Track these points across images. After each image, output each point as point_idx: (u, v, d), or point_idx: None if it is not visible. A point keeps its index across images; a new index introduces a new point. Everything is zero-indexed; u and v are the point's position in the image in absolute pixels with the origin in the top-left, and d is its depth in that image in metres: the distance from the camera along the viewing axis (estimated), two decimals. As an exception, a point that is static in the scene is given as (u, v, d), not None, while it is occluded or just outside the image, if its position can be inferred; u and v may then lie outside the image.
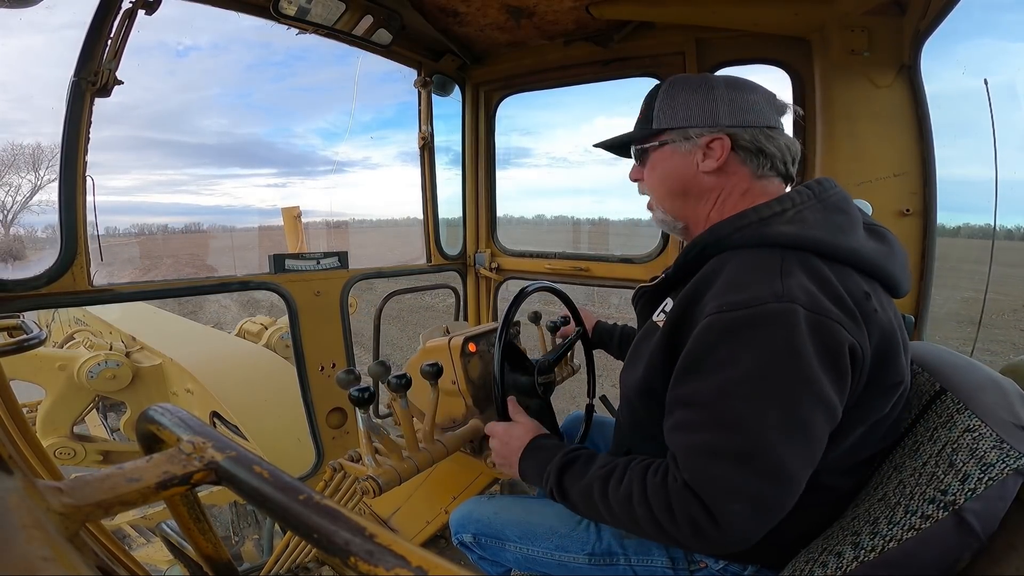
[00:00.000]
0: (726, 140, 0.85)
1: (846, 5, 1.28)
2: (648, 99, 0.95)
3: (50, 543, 0.21)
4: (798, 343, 0.65)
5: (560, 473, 0.85)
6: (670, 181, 0.92)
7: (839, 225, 0.78)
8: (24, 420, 1.03)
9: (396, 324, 8.91)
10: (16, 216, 28.48)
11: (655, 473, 0.74)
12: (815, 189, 0.83)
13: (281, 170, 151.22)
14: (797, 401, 0.65)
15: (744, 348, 0.67)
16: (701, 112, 0.87)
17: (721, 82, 0.88)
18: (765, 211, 0.79)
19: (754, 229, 0.78)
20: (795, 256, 0.73)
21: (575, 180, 16.71)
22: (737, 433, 0.66)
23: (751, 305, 0.68)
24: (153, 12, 1.31)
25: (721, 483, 0.66)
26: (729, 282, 0.73)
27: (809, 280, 0.70)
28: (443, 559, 0.25)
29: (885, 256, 0.79)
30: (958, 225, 6.68)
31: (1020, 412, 0.72)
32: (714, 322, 0.70)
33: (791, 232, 0.75)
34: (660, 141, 0.91)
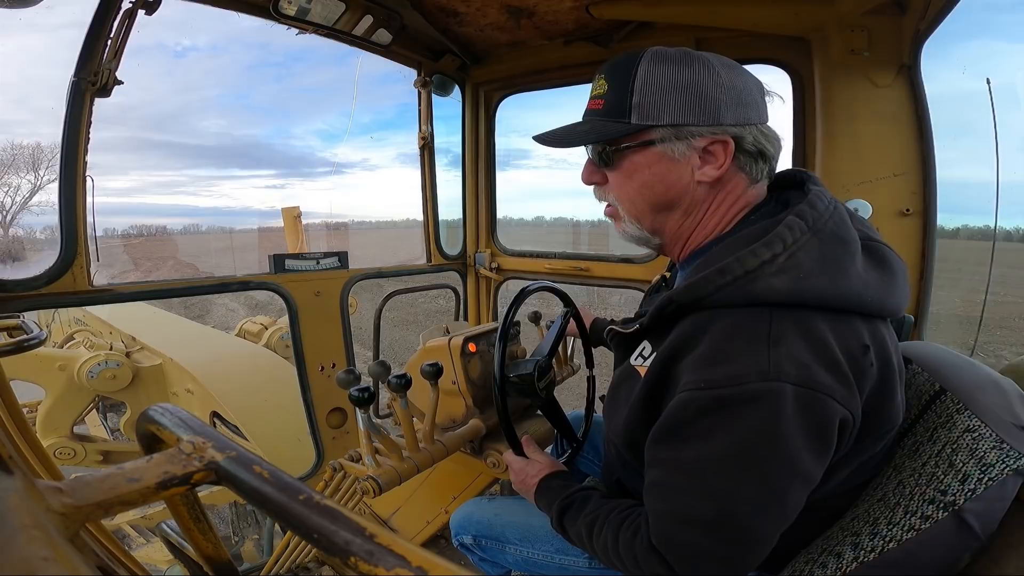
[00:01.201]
0: (730, 143, 0.72)
1: (846, 5, 1.28)
2: (617, 78, 0.73)
3: (50, 543, 0.21)
4: (781, 426, 0.60)
5: (560, 516, 0.89)
6: (655, 192, 0.76)
7: (838, 262, 0.66)
8: (24, 420, 1.03)
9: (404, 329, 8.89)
10: (15, 217, 28.48)
11: (627, 528, 0.75)
12: (808, 219, 0.68)
13: (280, 171, 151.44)
14: (775, 478, 0.62)
15: (722, 427, 0.62)
16: (700, 104, 0.70)
17: (716, 62, 0.72)
18: (751, 261, 0.65)
19: (739, 286, 0.65)
20: (787, 316, 0.63)
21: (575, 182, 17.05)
22: (709, 504, 0.63)
23: (731, 384, 0.61)
24: (153, 12, 1.31)
25: (689, 549, 0.65)
26: (709, 352, 0.64)
27: (803, 346, 0.61)
28: (443, 559, 0.25)
29: (887, 288, 0.69)
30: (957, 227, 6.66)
31: (1020, 412, 0.72)
32: (692, 398, 0.64)
33: (783, 287, 0.63)
34: (643, 140, 0.73)
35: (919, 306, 1.37)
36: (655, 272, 0.97)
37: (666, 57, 0.72)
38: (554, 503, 0.91)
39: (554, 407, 1.20)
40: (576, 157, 0.95)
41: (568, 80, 1.95)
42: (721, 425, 0.62)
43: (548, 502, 0.93)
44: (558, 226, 22.57)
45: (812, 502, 0.77)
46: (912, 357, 0.90)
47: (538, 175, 72.22)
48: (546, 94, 2.07)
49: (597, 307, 8.31)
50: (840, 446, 0.65)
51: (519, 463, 1.04)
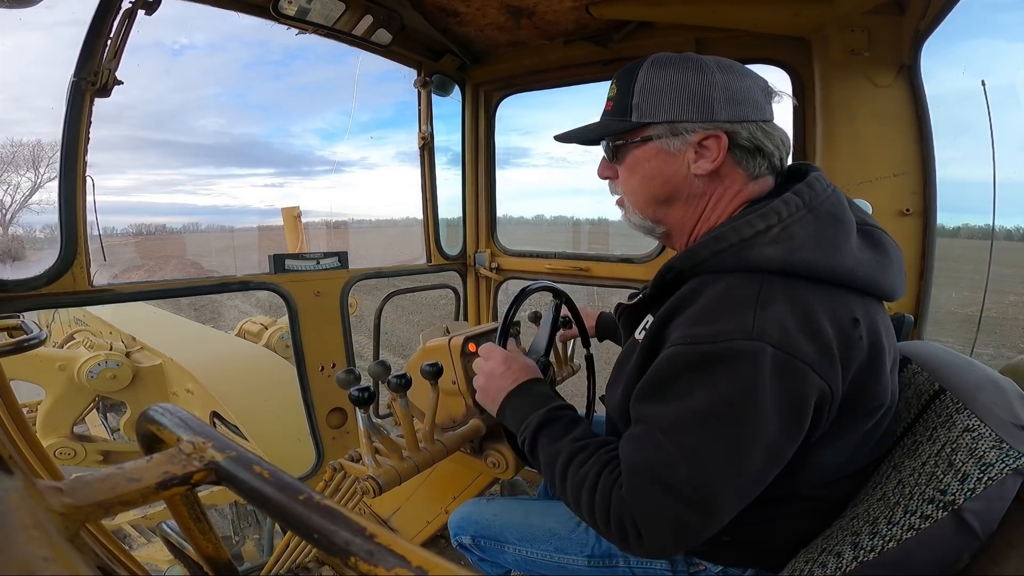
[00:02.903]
0: (723, 138, 0.75)
1: (846, 5, 1.28)
2: (623, 82, 0.81)
3: (50, 543, 0.21)
4: (757, 386, 0.62)
5: (539, 427, 0.83)
6: (654, 184, 0.81)
7: (832, 239, 0.69)
8: (24, 420, 1.03)
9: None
10: (15, 215, 28.48)
11: (612, 470, 0.73)
12: (805, 196, 0.72)
13: (279, 170, 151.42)
14: (745, 444, 0.64)
15: (702, 383, 0.64)
16: (693, 103, 0.75)
17: (713, 64, 0.76)
18: (746, 230, 0.69)
19: (733, 253, 0.69)
20: (778, 283, 0.66)
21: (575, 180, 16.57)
22: (679, 466, 0.65)
23: (716, 340, 0.64)
24: (153, 12, 1.31)
25: (652, 505, 0.67)
26: (699, 311, 0.68)
27: (788, 312, 0.64)
28: (443, 559, 0.25)
29: (881, 268, 0.72)
30: (957, 226, 6.66)
31: (1019, 412, 0.72)
32: (677, 353, 0.67)
33: (776, 255, 0.67)
34: (642, 136, 0.79)
35: (919, 306, 1.37)
36: (655, 271, 0.96)
37: (665, 61, 0.78)
38: (538, 410, 0.84)
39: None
40: (576, 156, 1.04)
41: (568, 80, 1.95)
42: (702, 382, 0.64)
43: (527, 407, 0.86)
44: (558, 225, 22.58)
45: (804, 493, 0.78)
46: (912, 357, 0.90)
47: (538, 174, 72.21)
48: (546, 94, 2.08)
49: (597, 307, 8.26)
50: (819, 422, 0.67)
51: (501, 353, 0.94)
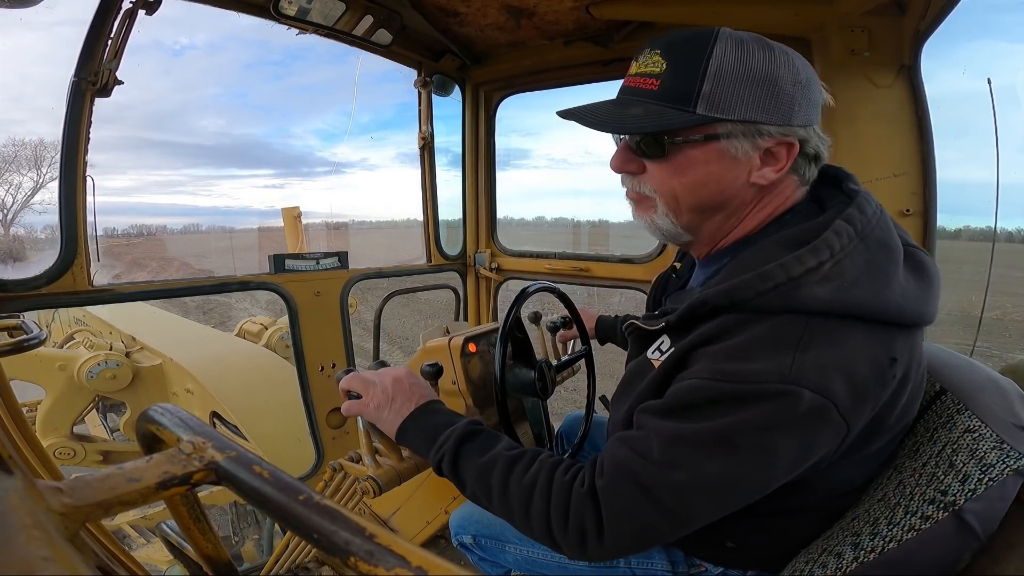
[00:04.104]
0: (796, 146, 0.67)
1: (846, 5, 1.28)
2: (683, 58, 0.66)
3: (50, 543, 0.21)
4: (779, 426, 0.59)
5: (461, 441, 0.76)
6: (706, 192, 0.70)
7: (883, 273, 0.64)
8: (24, 420, 1.03)
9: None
10: (17, 215, 28.49)
11: (564, 472, 0.71)
12: (857, 224, 0.65)
13: (279, 171, 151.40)
14: (743, 469, 0.62)
15: (723, 414, 0.61)
16: (778, 100, 0.65)
17: (792, 54, 0.66)
18: (796, 268, 0.62)
19: (781, 294, 0.62)
20: (823, 325, 0.61)
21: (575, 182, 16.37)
22: (667, 472, 0.63)
23: (749, 381, 0.60)
24: (153, 12, 1.31)
25: (627, 506, 0.64)
26: (734, 348, 0.63)
27: (829, 355, 0.60)
28: (443, 559, 0.25)
29: (925, 297, 0.67)
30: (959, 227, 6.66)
31: (1020, 412, 0.72)
32: (703, 386, 0.62)
33: (825, 296, 0.61)
34: (707, 135, 0.66)
35: (919, 306, 1.37)
36: (655, 272, 0.96)
37: (743, 41, 0.65)
38: (454, 426, 0.78)
39: (543, 412, 1.20)
40: (577, 158, 0.98)
41: (568, 80, 1.95)
42: (722, 413, 0.61)
43: (439, 425, 0.80)
44: (559, 226, 22.58)
45: (813, 506, 0.78)
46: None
47: (539, 175, 72.17)
48: (546, 94, 2.08)
49: (597, 307, 8.29)
50: (828, 455, 0.65)
51: (402, 371, 0.88)
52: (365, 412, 0.86)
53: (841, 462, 0.70)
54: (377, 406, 0.85)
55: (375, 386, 0.86)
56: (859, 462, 0.74)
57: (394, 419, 0.83)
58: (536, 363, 1.16)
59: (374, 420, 0.86)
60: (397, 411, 0.83)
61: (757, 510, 0.68)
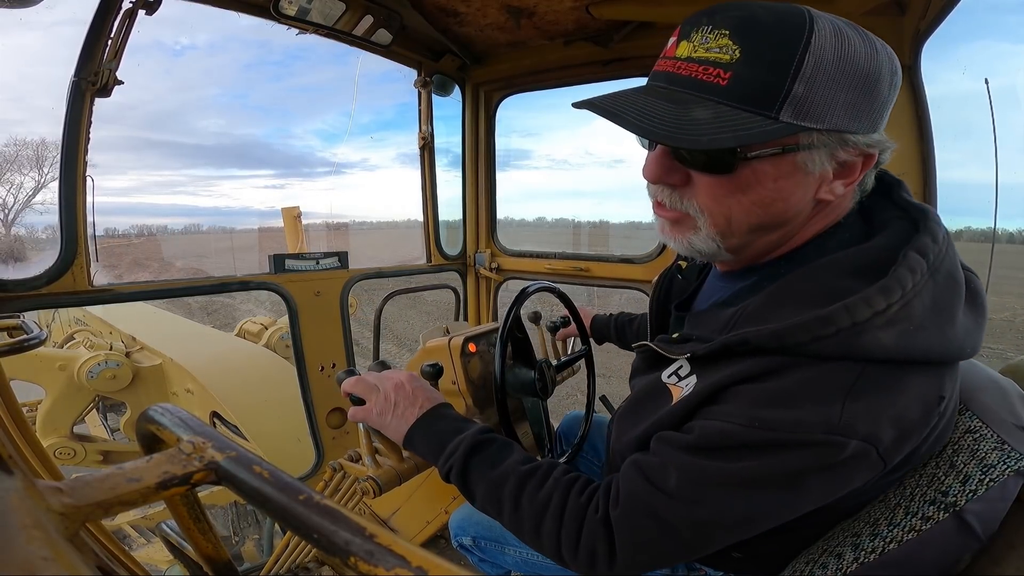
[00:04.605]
0: (875, 156, 0.58)
1: (846, 5, 1.28)
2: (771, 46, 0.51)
3: (50, 543, 0.21)
4: (817, 469, 0.55)
5: (472, 451, 0.73)
6: (771, 211, 0.59)
7: (949, 312, 0.57)
8: (24, 420, 1.03)
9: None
10: (18, 215, 28.50)
11: (580, 493, 0.68)
12: (930, 256, 0.56)
13: (279, 171, 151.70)
14: (770, 508, 0.58)
15: (756, 457, 0.55)
16: (872, 105, 0.55)
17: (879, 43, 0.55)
18: (863, 311, 0.53)
19: (841, 340, 0.53)
20: (879, 372, 0.54)
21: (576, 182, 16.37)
22: (686, 507, 0.59)
23: (791, 430, 0.53)
24: (153, 12, 1.31)
25: (643, 538, 0.62)
26: (776, 393, 0.55)
27: (882, 402, 0.53)
28: (443, 559, 0.25)
29: (979, 331, 0.60)
30: (959, 228, 6.66)
31: (1021, 413, 0.72)
32: (735, 433, 0.56)
33: (890, 343, 0.53)
34: (786, 146, 0.55)
35: (919, 306, 1.37)
36: (655, 272, 0.95)
37: (840, 30, 0.52)
38: (464, 432, 0.75)
39: (543, 412, 1.20)
40: (578, 158, 0.93)
41: (568, 80, 1.95)
42: (756, 456, 0.56)
43: (450, 431, 0.77)
44: (560, 226, 22.60)
45: (823, 518, 0.75)
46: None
47: (539, 176, 72.13)
48: (546, 94, 2.08)
49: (597, 307, 8.27)
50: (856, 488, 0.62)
51: (406, 375, 0.85)
52: (368, 419, 0.85)
53: (864, 488, 0.67)
54: (380, 412, 0.84)
55: (377, 392, 0.85)
56: (878, 485, 0.72)
57: (399, 425, 0.82)
58: (536, 363, 1.16)
59: (378, 427, 0.86)
60: (401, 417, 0.82)
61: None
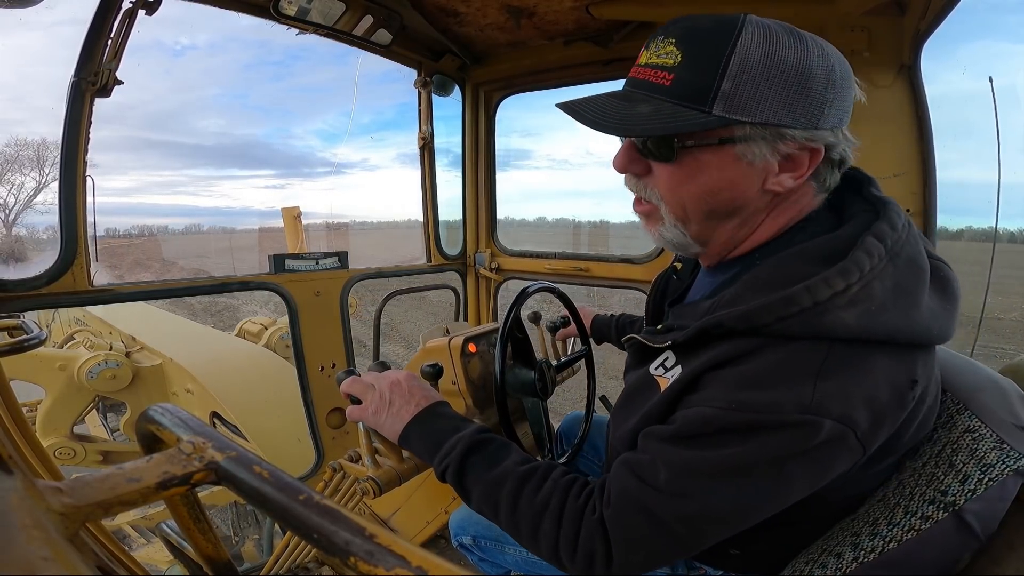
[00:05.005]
0: (820, 152, 0.62)
1: (846, 5, 1.28)
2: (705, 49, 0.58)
3: (50, 543, 0.21)
4: (797, 454, 0.57)
5: (469, 451, 0.73)
6: (718, 199, 0.64)
7: (912, 294, 0.60)
8: (24, 420, 1.03)
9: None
10: (19, 216, 28.50)
11: (578, 495, 0.68)
12: (888, 242, 0.60)
13: (280, 172, 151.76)
14: (757, 498, 0.60)
15: (738, 443, 0.58)
16: (806, 102, 0.58)
17: (827, 46, 0.60)
18: (823, 291, 0.57)
19: (804, 319, 0.57)
20: (847, 352, 0.57)
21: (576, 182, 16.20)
22: (676, 502, 0.61)
23: (767, 411, 0.56)
24: (153, 12, 1.31)
25: (636, 536, 0.63)
26: (750, 375, 0.59)
27: (851, 382, 0.56)
28: (443, 559, 0.25)
29: (949, 317, 0.63)
30: (960, 228, 6.66)
31: (1020, 412, 0.72)
32: (717, 417, 0.59)
33: (853, 322, 0.57)
34: (722, 138, 0.60)
35: (919, 306, 1.37)
36: (655, 272, 0.95)
37: (772, 32, 0.58)
38: (459, 433, 0.75)
39: (543, 412, 1.20)
40: (578, 158, 0.95)
41: (568, 80, 1.95)
42: (738, 442, 0.58)
43: (446, 430, 0.76)
44: (561, 227, 22.60)
45: (818, 514, 0.77)
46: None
47: (539, 176, 72.24)
48: (546, 94, 2.08)
49: (597, 308, 8.24)
50: (841, 476, 0.63)
51: (402, 374, 0.85)
52: (364, 418, 0.86)
53: (853, 476, 0.68)
54: (375, 411, 0.83)
55: (373, 391, 0.85)
56: (870, 476, 0.73)
57: (394, 424, 0.81)
58: (536, 363, 1.16)
59: (374, 426, 0.85)
60: (396, 416, 0.81)
61: (762, 523, 0.67)
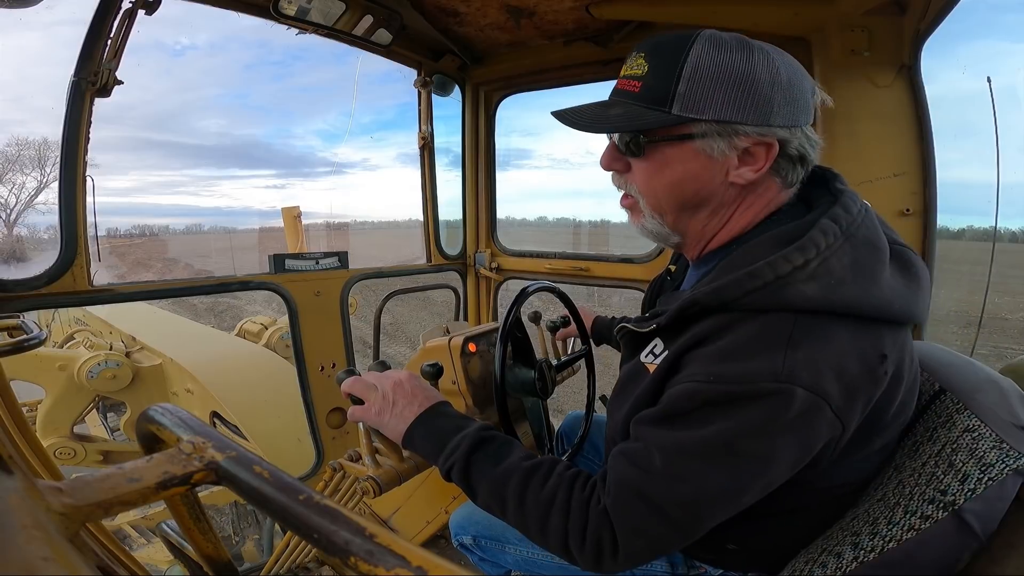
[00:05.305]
0: (775, 146, 0.68)
1: (846, 5, 1.28)
2: (662, 60, 0.68)
3: (50, 543, 0.21)
4: (777, 427, 0.60)
5: (474, 448, 0.75)
6: (684, 190, 0.72)
7: (869, 270, 0.65)
8: (24, 420, 1.04)
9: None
10: (20, 215, 28.48)
11: (583, 488, 0.71)
12: (842, 223, 0.66)
13: (280, 171, 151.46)
14: (747, 478, 0.63)
15: (721, 417, 0.62)
16: (753, 100, 0.65)
17: (774, 54, 0.67)
18: (783, 266, 0.63)
19: (769, 292, 0.63)
20: (812, 322, 0.62)
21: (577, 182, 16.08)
22: (672, 486, 0.64)
23: (742, 382, 0.61)
24: (153, 12, 1.31)
25: (637, 522, 0.65)
26: (725, 349, 0.64)
27: (820, 352, 0.61)
28: (443, 559, 0.25)
29: (912, 295, 0.68)
30: (962, 228, 6.66)
31: (1019, 412, 0.72)
32: (697, 390, 0.63)
33: (814, 294, 0.62)
34: (681, 134, 0.68)
35: (919, 306, 1.37)
36: (655, 272, 0.96)
37: (722, 42, 0.66)
38: (463, 431, 0.77)
39: (543, 412, 1.21)
40: (579, 158, 0.98)
41: (568, 80, 1.95)
42: (721, 417, 0.62)
43: (450, 429, 0.78)
44: (561, 226, 22.60)
45: (813, 506, 0.78)
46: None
47: (540, 175, 72.29)
48: (546, 94, 2.08)
49: (597, 307, 8.30)
50: (824, 455, 0.66)
51: (404, 374, 0.87)
52: (367, 418, 0.86)
53: (841, 461, 0.70)
54: (378, 412, 0.84)
55: (376, 391, 0.86)
56: (858, 462, 0.74)
57: (397, 424, 0.82)
58: (536, 363, 1.16)
59: (377, 426, 0.86)
60: (399, 416, 0.82)
61: (758, 512, 0.68)
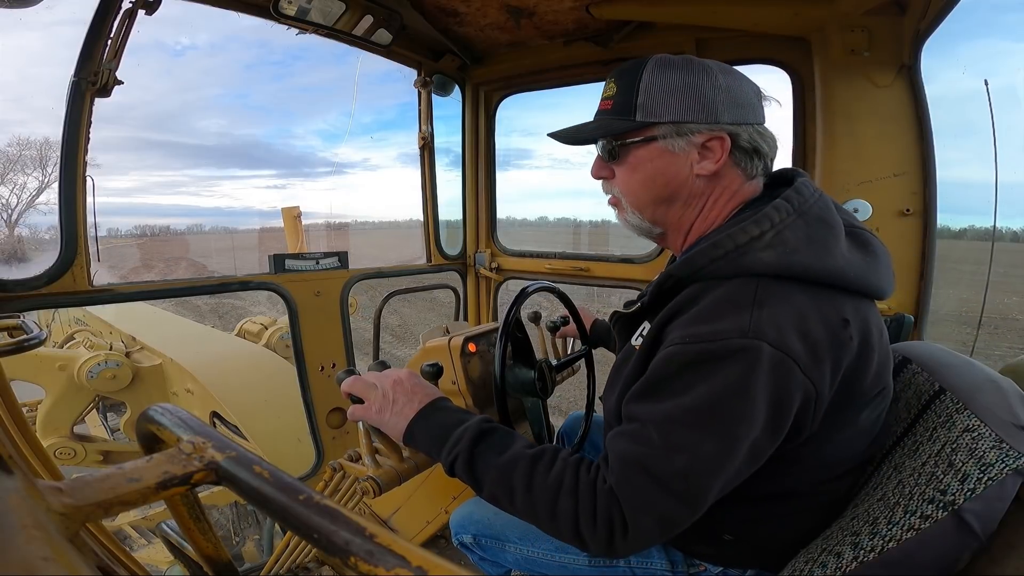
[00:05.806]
0: (726, 140, 0.78)
1: (846, 5, 1.28)
2: (624, 81, 0.81)
3: (50, 543, 0.21)
4: (751, 383, 0.64)
5: (476, 441, 0.77)
6: (656, 185, 0.82)
7: (822, 242, 0.72)
8: (24, 420, 1.04)
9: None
10: (21, 216, 28.45)
11: (588, 471, 0.73)
12: (794, 202, 0.74)
13: (281, 171, 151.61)
14: (734, 440, 0.66)
15: (700, 380, 0.66)
16: (699, 104, 0.77)
17: (715, 68, 0.78)
18: (741, 237, 0.71)
19: (730, 259, 0.71)
20: (773, 286, 0.69)
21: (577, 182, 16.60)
22: (670, 457, 0.66)
23: (714, 339, 0.66)
24: (153, 12, 1.31)
25: (642, 496, 0.67)
26: (698, 313, 0.70)
27: (783, 312, 0.66)
28: (443, 559, 0.25)
29: (870, 268, 0.75)
30: (963, 227, 6.67)
31: (1019, 412, 0.72)
32: (676, 352, 0.68)
33: (771, 260, 0.70)
34: (646, 136, 0.79)
35: (919, 306, 1.37)
36: (655, 272, 0.96)
37: (669, 63, 0.79)
38: (466, 423, 0.79)
39: (543, 411, 1.20)
40: (579, 157, 1.00)
41: (568, 80, 1.95)
42: (701, 379, 0.66)
43: (451, 423, 0.80)
44: (562, 226, 22.61)
45: (807, 490, 0.79)
46: (911, 357, 0.90)
47: (540, 175, 72.27)
48: (546, 94, 2.08)
49: (597, 307, 8.31)
50: (804, 421, 0.68)
51: (404, 372, 0.89)
52: (368, 417, 0.87)
53: (828, 435, 0.72)
54: (379, 410, 0.85)
55: (376, 389, 0.87)
56: (846, 439, 0.76)
57: (397, 422, 0.83)
58: (536, 363, 1.16)
59: (377, 424, 0.86)
60: (399, 413, 0.83)
61: (750, 494, 0.71)
